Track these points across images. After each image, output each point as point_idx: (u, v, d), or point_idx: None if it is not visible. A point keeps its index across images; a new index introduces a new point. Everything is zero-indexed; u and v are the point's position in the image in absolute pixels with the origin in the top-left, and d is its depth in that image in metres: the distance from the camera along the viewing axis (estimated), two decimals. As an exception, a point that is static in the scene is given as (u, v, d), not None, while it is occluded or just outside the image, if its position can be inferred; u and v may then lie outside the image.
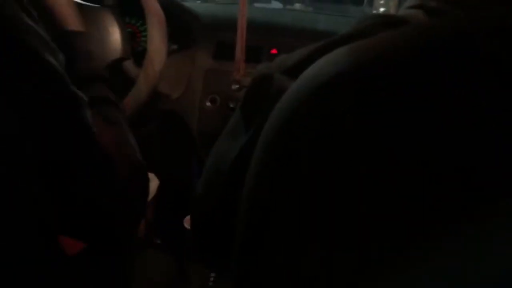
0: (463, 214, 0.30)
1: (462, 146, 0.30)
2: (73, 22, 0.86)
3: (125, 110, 1.04)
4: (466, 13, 0.37)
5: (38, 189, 0.53)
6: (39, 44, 0.52)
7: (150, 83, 1.03)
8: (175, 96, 1.28)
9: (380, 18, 0.43)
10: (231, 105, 1.22)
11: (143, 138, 1.35)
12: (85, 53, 0.86)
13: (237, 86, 1.18)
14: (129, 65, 1.08)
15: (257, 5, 2.06)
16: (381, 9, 3.80)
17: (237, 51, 1.11)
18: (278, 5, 2.25)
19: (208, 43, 1.31)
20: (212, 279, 1.31)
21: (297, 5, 4.33)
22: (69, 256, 0.83)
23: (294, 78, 0.40)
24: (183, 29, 1.30)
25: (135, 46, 1.24)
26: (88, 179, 0.58)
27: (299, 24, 1.46)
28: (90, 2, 1.11)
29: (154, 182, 1.12)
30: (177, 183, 1.47)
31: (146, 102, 1.06)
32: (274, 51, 1.27)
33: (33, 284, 0.55)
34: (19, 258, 0.54)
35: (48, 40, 0.54)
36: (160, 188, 1.15)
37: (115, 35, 1.07)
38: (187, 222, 1.30)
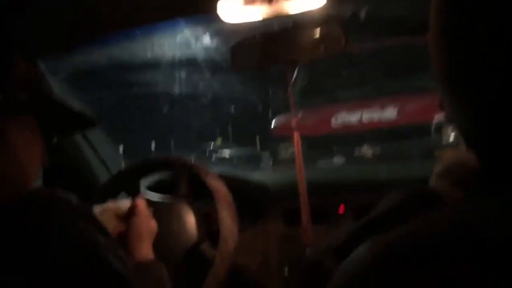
0: None
1: None
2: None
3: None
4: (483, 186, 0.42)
5: None
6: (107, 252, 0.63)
7: (226, 262, 1.09)
8: (252, 267, 1.32)
9: (413, 193, 0.49)
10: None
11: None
12: None
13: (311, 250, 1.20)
14: (205, 247, 1.16)
15: (320, 163, 2.16)
16: (451, 137, 3.81)
17: (302, 216, 1.16)
18: (340, 160, 2.35)
19: (277, 211, 1.38)
20: None
21: (364, 148, 4.45)
22: None
23: (342, 259, 0.46)
24: (253, 203, 1.39)
25: (211, 226, 1.33)
26: None
27: (362, 177, 1.51)
28: (164, 191, 1.25)
29: None
30: None
31: (224, 280, 1.10)
32: (340, 211, 1.31)
33: None
34: None
35: (116, 250, 0.65)
36: None
37: (190, 221, 1.17)
38: None
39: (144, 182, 1.35)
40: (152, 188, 1.34)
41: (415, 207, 0.47)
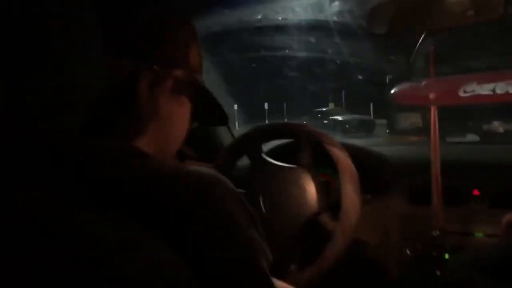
0: None
1: None
2: None
3: (323, 263, 1.06)
4: None
5: None
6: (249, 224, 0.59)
7: (347, 236, 1.05)
8: (371, 244, 1.26)
9: None
10: (434, 254, 1.15)
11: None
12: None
13: (438, 232, 1.11)
14: (325, 218, 1.12)
15: (450, 139, 2.00)
16: None
17: (433, 197, 1.07)
18: (474, 138, 2.14)
19: (401, 187, 1.30)
20: None
21: (495, 123, 4.02)
22: None
23: (496, 278, 0.41)
24: (375, 177, 1.32)
25: (330, 196, 1.29)
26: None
27: (498, 159, 1.36)
28: (282, 157, 1.23)
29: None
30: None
31: (343, 254, 1.06)
32: (475, 192, 1.19)
33: None
34: None
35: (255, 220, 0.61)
36: None
37: (311, 191, 1.14)
38: None
39: (265, 147, 1.34)
40: (272, 153, 1.33)
41: None
